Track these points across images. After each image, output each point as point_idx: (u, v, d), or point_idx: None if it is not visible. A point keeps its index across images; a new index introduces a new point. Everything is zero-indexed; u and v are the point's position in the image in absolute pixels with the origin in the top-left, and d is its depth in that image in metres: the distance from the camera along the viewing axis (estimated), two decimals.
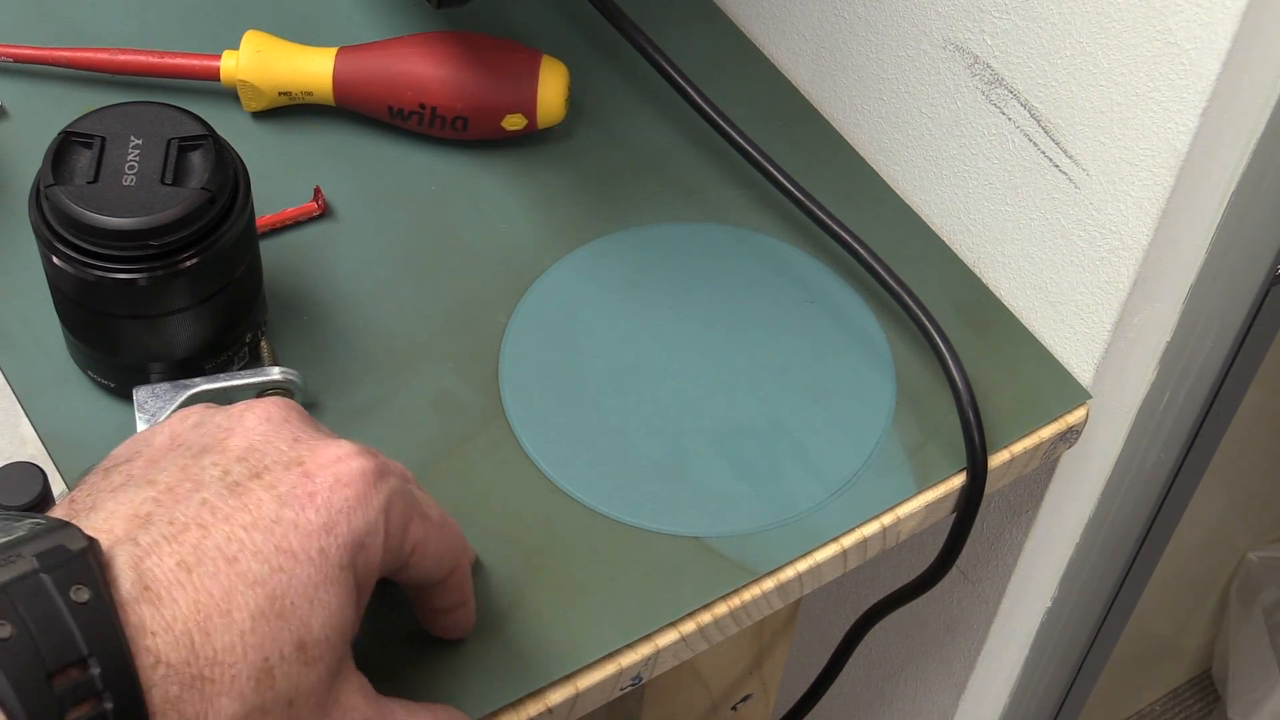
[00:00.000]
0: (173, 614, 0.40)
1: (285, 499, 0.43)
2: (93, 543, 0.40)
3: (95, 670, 0.38)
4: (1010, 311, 0.66)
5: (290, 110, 0.70)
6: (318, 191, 0.66)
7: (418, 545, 0.47)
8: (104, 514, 0.42)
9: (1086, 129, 0.58)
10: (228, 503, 0.42)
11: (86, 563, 0.39)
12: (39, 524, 0.41)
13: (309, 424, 0.46)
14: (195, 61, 0.68)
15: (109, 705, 0.38)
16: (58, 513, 0.43)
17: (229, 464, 0.43)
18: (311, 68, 0.67)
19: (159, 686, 0.40)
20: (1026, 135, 0.61)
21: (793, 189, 0.65)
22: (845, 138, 0.71)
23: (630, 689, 0.56)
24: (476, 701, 0.53)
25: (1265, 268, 0.64)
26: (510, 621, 0.55)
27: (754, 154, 0.66)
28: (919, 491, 0.60)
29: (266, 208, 0.65)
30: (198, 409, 0.46)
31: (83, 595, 0.39)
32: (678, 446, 0.60)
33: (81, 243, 0.54)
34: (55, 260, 0.55)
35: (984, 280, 0.67)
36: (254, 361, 0.61)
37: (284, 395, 0.59)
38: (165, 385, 0.57)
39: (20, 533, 0.40)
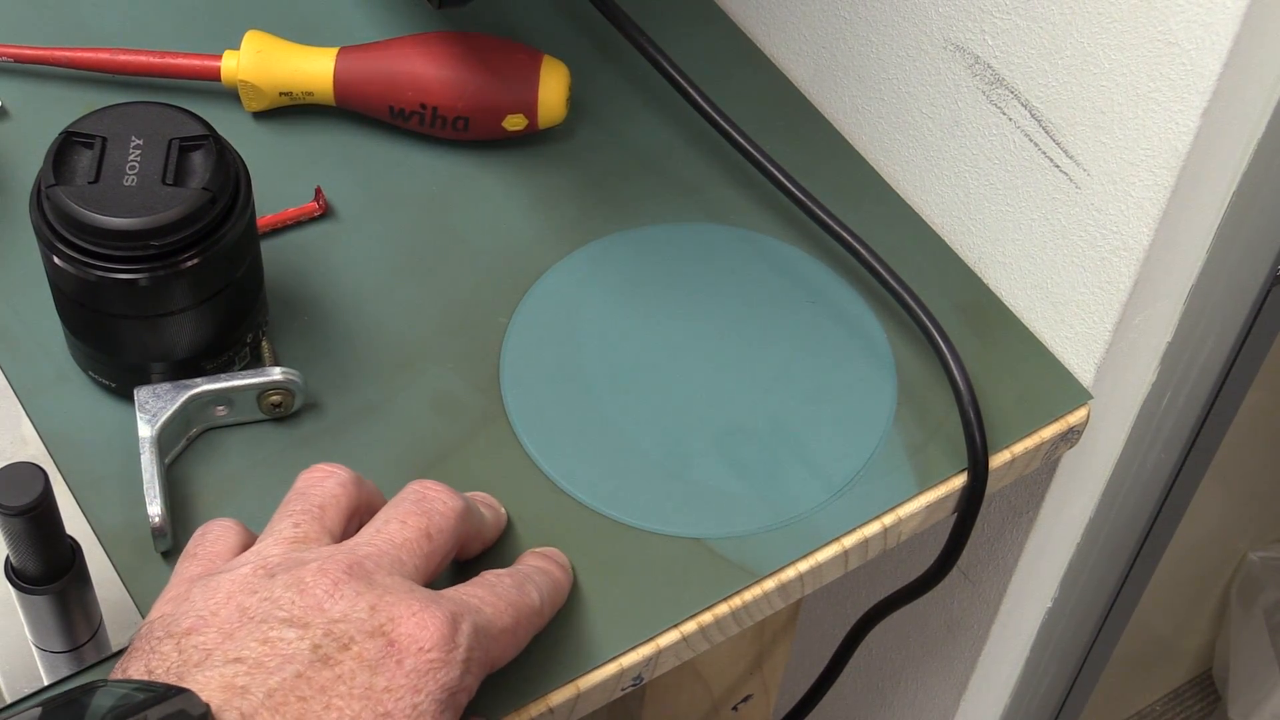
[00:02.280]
0: None
1: (375, 667, 0.45)
2: (209, 710, 0.42)
3: None
4: (1011, 312, 0.66)
5: (291, 110, 0.70)
6: (319, 192, 0.66)
7: (498, 662, 0.50)
8: (195, 685, 0.43)
9: (1087, 129, 0.58)
10: (321, 674, 0.44)
11: None
12: (156, 689, 0.42)
13: (376, 587, 0.47)
14: (196, 61, 0.68)
15: None
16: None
17: (316, 639, 0.45)
18: (312, 68, 0.67)
19: None
20: (1027, 135, 0.61)
21: (793, 189, 0.65)
22: (846, 138, 0.71)
23: (631, 689, 0.56)
24: (479, 706, 0.53)
25: (1266, 268, 0.64)
26: None
27: (755, 154, 0.66)
28: (920, 492, 0.60)
29: (267, 208, 0.65)
30: (253, 575, 0.47)
31: None
32: (679, 447, 0.60)
33: (82, 243, 0.54)
34: (56, 260, 0.55)
35: (985, 280, 0.67)
36: (255, 362, 0.61)
37: (285, 395, 0.59)
38: (166, 385, 0.57)
39: (144, 699, 0.42)
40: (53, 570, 0.50)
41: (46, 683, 0.53)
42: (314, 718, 0.43)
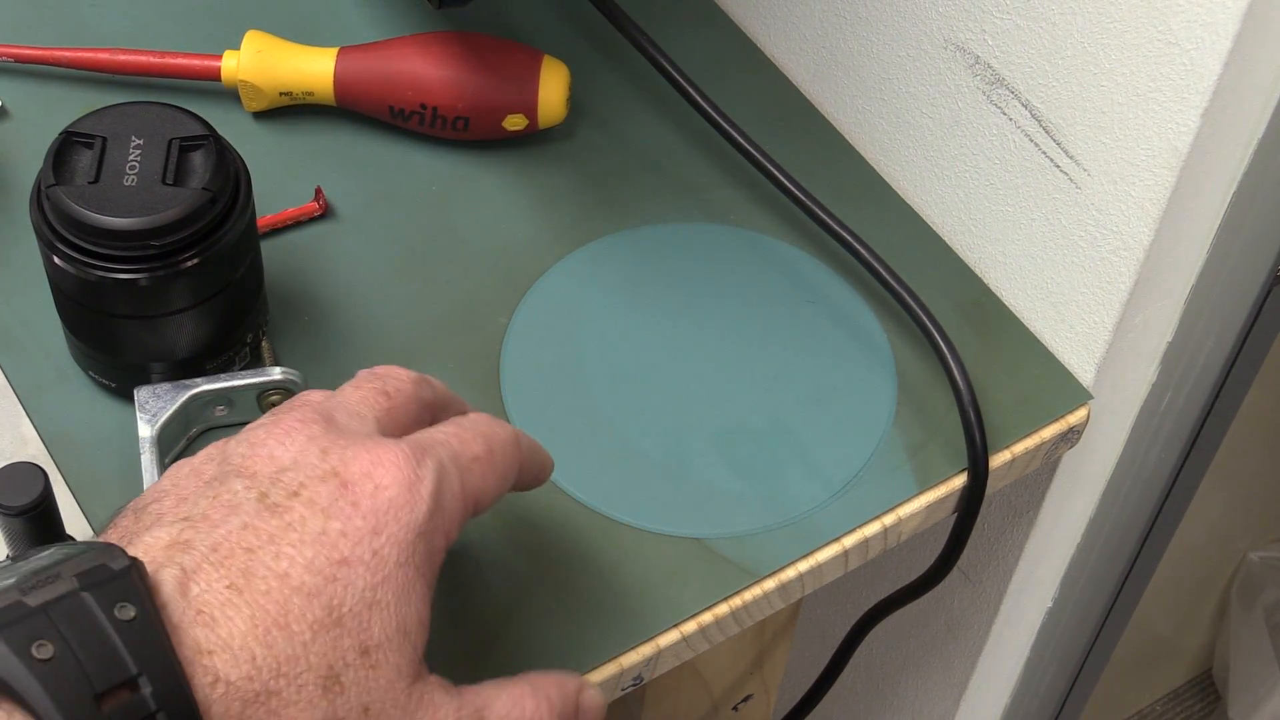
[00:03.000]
0: (229, 631, 0.39)
1: (328, 511, 0.42)
2: (136, 562, 0.39)
3: (147, 690, 0.37)
4: (1011, 311, 0.66)
5: (291, 110, 0.70)
6: (319, 191, 0.66)
7: (480, 497, 0.46)
8: (141, 547, 0.41)
9: (1087, 129, 0.58)
10: (269, 523, 0.41)
11: (129, 580, 0.38)
12: (77, 547, 0.40)
13: (331, 431, 0.44)
14: (196, 61, 0.68)
15: None
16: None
17: (264, 487, 0.42)
18: (312, 68, 0.67)
19: (219, 704, 0.38)
20: (1027, 135, 0.61)
21: (793, 189, 0.65)
22: (846, 138, 0.71)
23: (631, 689, 0.56)
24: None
25: (1266, 268, 0.64)
26: (511, 623, 0.55)
27: (754, 154, 0.66)
28: (920, 492, 0.60)
29: (267, 208, 0.65)
30: (214, 448, 0.45)
31: (128, 612, 0.38)
32: (679, 447, 0.60)
33: (82, 243, 0.54)
34: (56, 260, 0.55)
35: (985, 280, 0.67)
36: (255, 361, 0.61)
37: (285, 395, 0.59)
38: (166, 385, 0.57)
39: (57, 557, 0.39)
40: None
41: None
42: (263, 568, 0.40)
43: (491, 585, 0.56)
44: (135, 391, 0.57)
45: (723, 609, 0.56)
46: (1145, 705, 1.44)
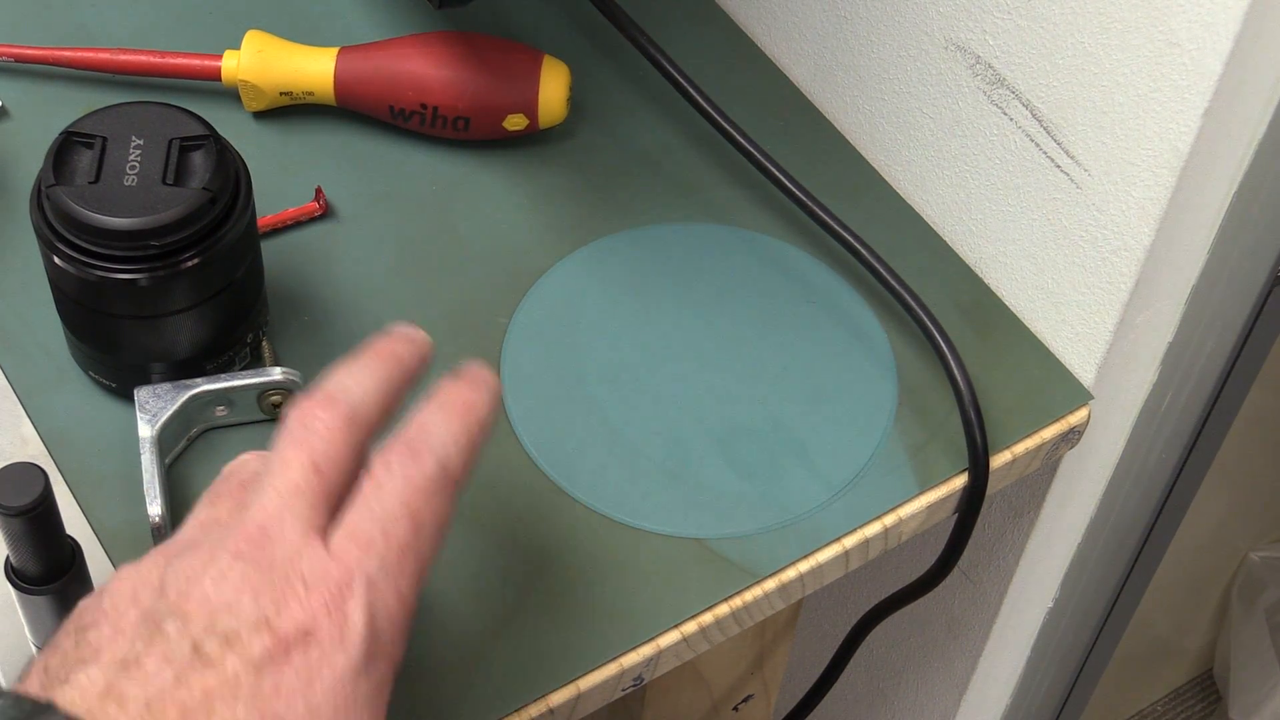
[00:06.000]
0: None
1: (260, 667, 0.41)
2: None
3: None
4: (1012, 312, 0.66)
5: (291, 110, 0.70)
6: (319, 191, 0.66)
7: (418, 570, 0.45)
8: (77, 689, 0.41)
9: (1088, 129, 0.58)
10: (204, 678, 0.41)
11: None
12: (22, 707, 0.39)
13: (263, 563, 0.43)
14: (196, 61, 0.68)
15: None
16: (33, 682, 0.42)
17: (198, 635, 0.42)
18: (313, 67, 0.67)
19: None
20: (1028, 135, 0.61)
21: (793, 189, 0.65)
22: (846, 137, 0.71)
23: (632, 689, 0.56)
24: (479, 706, 0.53)
25: (1267, 268, 0.64)
26: (512, 623, 0.55)
27: (755, 154, 0.66)
28: (921, 492, 0.60)
29: (268, 208, 0.65)
30: (151, 562, 0.44)
31: None
32: (679, 447, 0.60)
33: (83, 243, 0.54)
34: (56, 260, 0.55)
35: (985, 280, 0.66)
36: (255, 362, 0.61)
37: (285, 395, 0.59)
38: (166, 385, 0.57)
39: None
40: (53, 570, 0.50)
41: None
42: None
43: (491, 585, 0.56)
44: (135, 391, 0.57)
45: (723, 609, 0.56)
46: (1146, 705, 1.44)
